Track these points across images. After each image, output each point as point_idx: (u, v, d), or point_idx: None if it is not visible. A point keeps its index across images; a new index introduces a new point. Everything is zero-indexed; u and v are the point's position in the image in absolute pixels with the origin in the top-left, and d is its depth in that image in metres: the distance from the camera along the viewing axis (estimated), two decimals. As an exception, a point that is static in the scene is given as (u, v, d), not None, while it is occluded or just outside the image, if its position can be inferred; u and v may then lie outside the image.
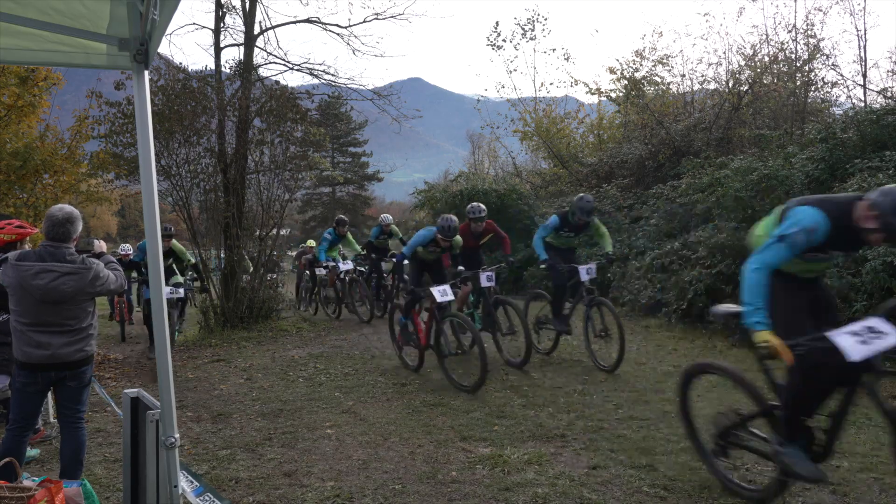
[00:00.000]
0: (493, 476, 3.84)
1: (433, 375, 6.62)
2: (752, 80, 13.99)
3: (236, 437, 4.82)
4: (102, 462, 4.32)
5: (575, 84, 18.22)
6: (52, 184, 12.00)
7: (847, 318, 6.52)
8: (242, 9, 12.77)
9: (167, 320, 2.59)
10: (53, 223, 3.48)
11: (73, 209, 3.61)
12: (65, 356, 3.49)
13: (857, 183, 7.33)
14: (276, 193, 11.26)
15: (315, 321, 11.46)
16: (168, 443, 2.59)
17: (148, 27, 2.37)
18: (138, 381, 6.96)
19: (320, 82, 13.88)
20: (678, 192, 11.10)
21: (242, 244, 10.87)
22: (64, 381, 3.57)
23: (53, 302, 3.42)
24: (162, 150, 10.07)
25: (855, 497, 3.37)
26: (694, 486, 3.59)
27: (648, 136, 14.68)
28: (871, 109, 9.54)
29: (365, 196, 49.21)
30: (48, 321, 3.45)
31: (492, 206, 15.67)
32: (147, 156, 2.53)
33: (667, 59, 16.37)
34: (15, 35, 2.48)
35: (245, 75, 12.11)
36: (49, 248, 3.46)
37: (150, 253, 2.57)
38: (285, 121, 10.94)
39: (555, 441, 4.45)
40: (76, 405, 3.65)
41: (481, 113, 20.33)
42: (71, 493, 3.10)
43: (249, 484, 3.86)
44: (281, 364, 7.60)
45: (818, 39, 13.67)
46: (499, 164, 28.92)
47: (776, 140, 10.60)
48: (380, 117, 15.11)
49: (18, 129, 11.70)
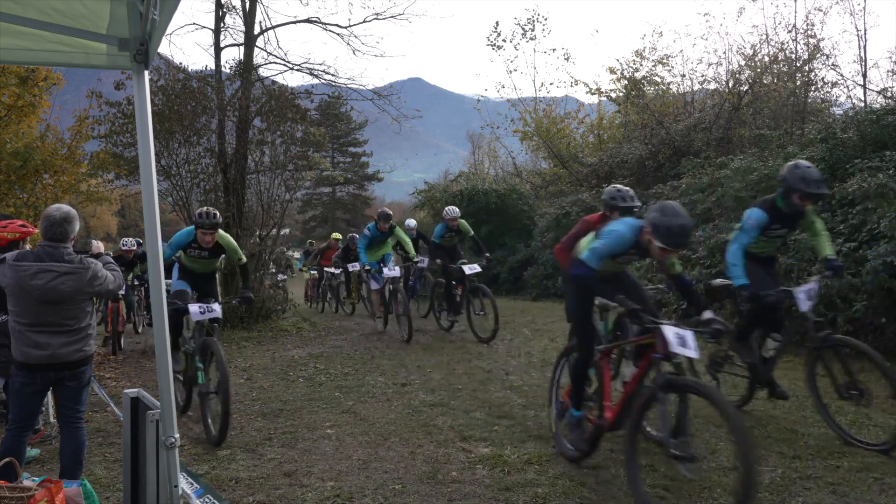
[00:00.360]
0: (493, 476, 3.84)
1: (433, 375, 6.63)
2: (752, 80, 13.99)
3: (236, 437, 4.82)
4: (102, 462, 4.33)
5: (575, 84, 18.24)
6: (52, 184, 12.02)
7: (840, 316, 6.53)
8: (242, 9, 12.78)
9: (168, 330, 2.59)
10: (51, 223, 3.48)
11: (71, 209, 3.61)
12: (64, 356, 3.49)
13: (857, 183, 7.33)
14: (277, 193, 11.27)
15: (315, 321, 11.46)
16: (168, 443, 2.59)
17: (148, 27, 2.37)
18: (138, 381, 6.96)
19: (320, 82, 13.87)
20: (678, 192, 11.09)
21: (243, 244, 10.87)
22: (63, 381, 3.57)
23: (52, 302, 3.42)
24: (162, 150, 10.08)
25: (855, 497, 3.37)
26: (694, 486, 3.58)
27: (648, 136, 14.68)
28: (871, 109, 9.53)
29: (365, 196, 49.25)
30: (47, 321, 3.45)
31: (492, 206, 15.71)
32: (147, 156, 2.53)
33: (667, 59, 16.40)
34: (15, 35, 2.48)
35: (245, 75, 12.10)
36: (47, 248, 3.46)
37: (150, 253, 2.57)
38: (285, 121, 10.95)
39: (555, 441, 4.45)
40: (76, 405, 3.64)
41: (481, 113, 20.34)
42: (71, 493, 3.09)
43: (249, 484, 3.86)
44: (281, 364, 7.60)
45: (818, 39, 13.68)
46: (499, 164, 28.94)
47: (776, 140, 10.60)
48: (380, 117, 15.10)
49: (18, 129, 11.72)
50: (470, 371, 6.72)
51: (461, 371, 6.74)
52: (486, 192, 15.87)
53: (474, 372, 6.70)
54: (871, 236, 6.88)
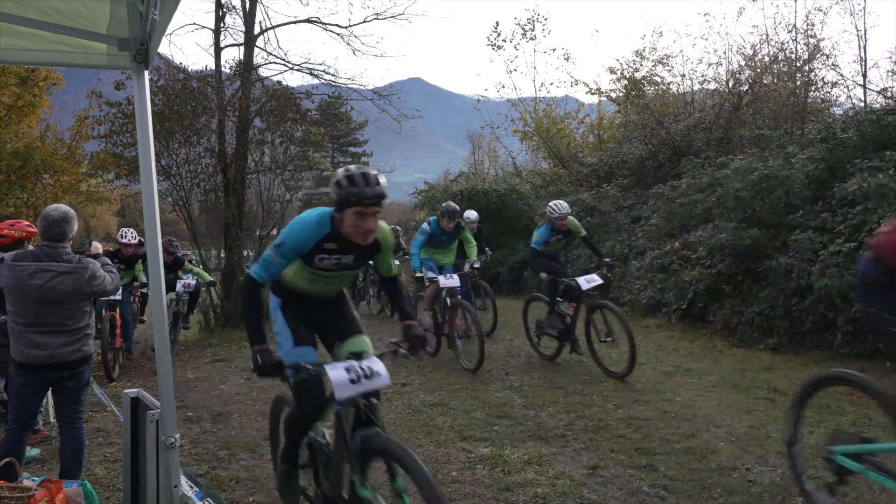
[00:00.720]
0: (493, 476, 3.84)
1: (433, 375, 6.62)
2: (753, 80, 13.98)
3: (236, 437, 4.82)
4: (102, 462, 4.32)
5: (575, 84, 18.19)
6: (52, 184, 12.03)
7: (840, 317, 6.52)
8: (242, 9, 12.80)
9: (167, 330, 2.59)
10: (49, 223, 3.47)
11: (69, 209, 3.60)
12: (63, 356, 3.48)
13: (857, 183, 7.33)
14: (277, 193, 11.28)
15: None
16: (168, 443, 2.59)
17: (148, 27, 2.38)
18: (138, 381, 6.96)
19: (320, 82, 13.89)
20: (678, 192, 11.09)
21: (243, 244, 10.87)
22: (62, 381, 3.57)
23: (51, 302, 3.42)
24: (162, 150, 10.08)
25: (854, 497, 3.37)
26: (694, 486, 3.59)
27: (648, 136, 14.67)
28: (871, 109, 9.54)
29: (365, 196, 49.26)
30: (46, 321, 3.44)
31: (492, 206, 15.69)
32: (147, 156, 2.54)
33: (667, 59, 16.36)
34: (15, 35, 2.48)
35: (245, 75, 12.11)
36: (45, 248, 3.46)
37: (150, 253, 2.57)
38: (285, 121, 10.96)
39: (555, 441, 4.45)
40: (75, 405, 3.64)
41: (481, 113, 20.32)
42: (71, 493, 3.09)
43: (249, 484, 3.86)
44: (281, 364, 7.58)
45: (818, 39, 13.65)
46: (499, 164, 28.92)
47: (776, 140, 10.59)
48: (380, 117, 15.12)
49: (19, 129, 11.73)
50: (470, 371, 6.71)
51: (461, 371, 6.73)
52: (486, 192, 15.86)
53: (474, 372, 6.70)
54: (872, 236, 6.88)
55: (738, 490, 3.54)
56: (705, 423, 4.70)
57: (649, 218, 11.62)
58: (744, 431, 4.51)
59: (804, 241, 7.52)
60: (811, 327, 7.11)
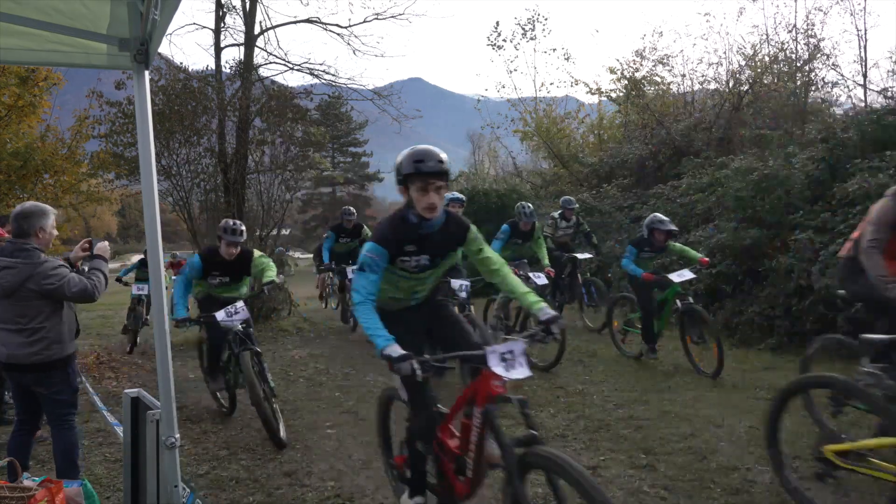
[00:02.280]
0: (493, 476, 3.84)
1: (433, 375, 6.61)
2: (753, 79, 13.98)
3: (236, 437, 4.82)
4: (102, 462, 4.32)
5: (575, 84, 18.19)
6: (53, 184, 12.00)
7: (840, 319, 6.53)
8: (242, 9, 12.79)
9: (167, 330, 2.59)
10: (11, 219, 3.44)
11: (35, 204, 3.50)
12: (21, 358, 3.36)
13: (857, 183, 7.33)
14: (277, 193, 11.26)
15: (314, 320, 11.45)
16: (168, 443, 2.59)
17: (148, 27, 2.38)
18: (138, 381, 6.96)
19: (320, 82, 13.88)
20: (678, 192, 11.09)
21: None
22: (30, 386, 3.46)
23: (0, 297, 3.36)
24: (162, 150, 10.07)
25: (855, 497, 3.37)
26: (694, 486, 3.58)
27: (649, 136, 14.66)
28: (871, 109, 9.54)
29: (365, 196, 49.26)
30: (3, 317, 3.38)
31: (492, 206, 15.68)
32: (147, 156, 2.54)
33: (667, 58, 16.33)
34: (15, 35, 2.48)
35: (245, 75, 12.10)
36: (8, 245, 3.42)
37: (151, 253, 2.57)
38: (285, 121, 10.95)
39: (555, 441, 4.45)
40: (55, 409, 3.52)
41: (481, 113, 20.27)
42: (71, 493, 3.09)
43: (249, 484, 3.86)
44: (281, 364, 7.60)
45: (818, 39, 13.64)
46: (499, 164, 28.90)
47: (777, 140, 10.59)
48: (380, 117, 15.11)
49: (19, 129, 11.70)
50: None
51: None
52: (486, 192, 15.84)
53: (474, 372, 6.68)
54: None
55: (738, 490, 3.54)
56: (705, 423, 4.70)
57: (649, 218, 11.61)
58: (744, 431, 4.51)
59: (802, 242, 7.52)
60: (811, 327, 7.11)
